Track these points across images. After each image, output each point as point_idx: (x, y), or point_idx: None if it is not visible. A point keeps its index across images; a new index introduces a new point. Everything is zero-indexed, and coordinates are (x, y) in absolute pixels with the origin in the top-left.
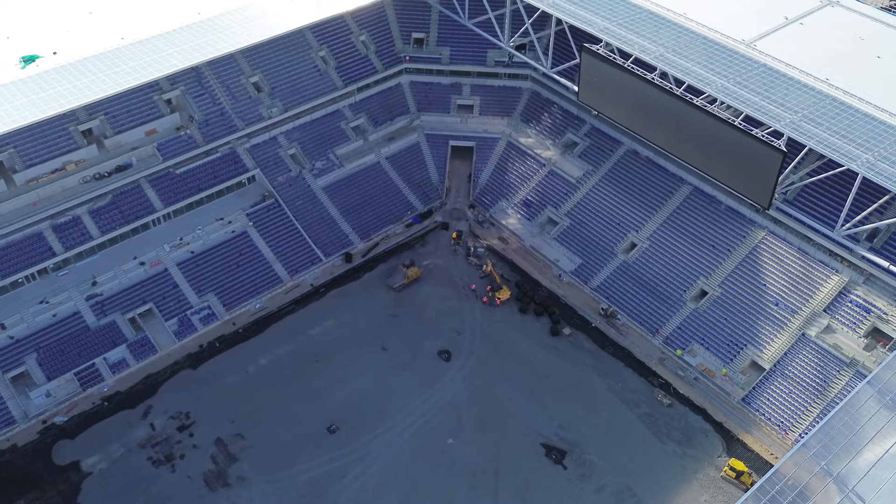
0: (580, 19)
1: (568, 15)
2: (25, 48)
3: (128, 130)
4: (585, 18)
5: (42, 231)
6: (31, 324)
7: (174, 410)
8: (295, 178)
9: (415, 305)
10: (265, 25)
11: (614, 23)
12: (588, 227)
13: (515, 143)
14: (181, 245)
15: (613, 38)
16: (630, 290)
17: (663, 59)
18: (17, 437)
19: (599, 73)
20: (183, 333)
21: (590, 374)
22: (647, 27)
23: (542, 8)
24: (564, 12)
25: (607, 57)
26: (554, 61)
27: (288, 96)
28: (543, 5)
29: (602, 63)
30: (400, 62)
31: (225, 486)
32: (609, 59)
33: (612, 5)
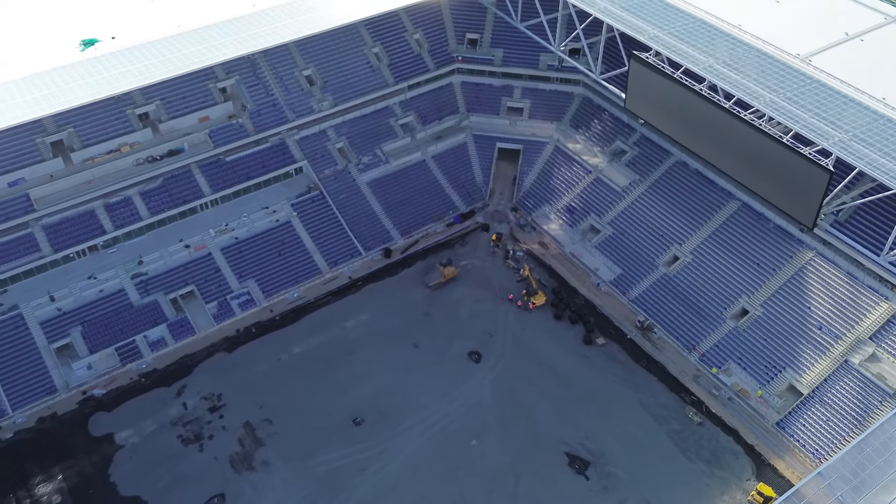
0: (631, 26)
1: (619, 21)
2: (86, 32)
3: (182, 116)
4: (636, 26)
5: (95, 209)
6: (78, 298)
7: (207, 391)
8: (341, 172)
9: (449, 305)
10: (320, 18)
11: (665, 31)
12: (630, 237)
13: (563, 148)
14: (226, 231)
15: (663, 46)
16: (669, 303)
17: (713, 71)
18: (58, 406)
19: (647, 82)
20: (221, 317)
21: (620, 386)
22: (699, 37)
23: (594, 14)
24: (615, 19)
25: (656, 66)
26: (604, 67)
27: (339, 91)
28: (595, 11)
29: (650, 71)
30: (452, 62)
31: (249, 469)
32: (657, 68)
33: (666, 14)
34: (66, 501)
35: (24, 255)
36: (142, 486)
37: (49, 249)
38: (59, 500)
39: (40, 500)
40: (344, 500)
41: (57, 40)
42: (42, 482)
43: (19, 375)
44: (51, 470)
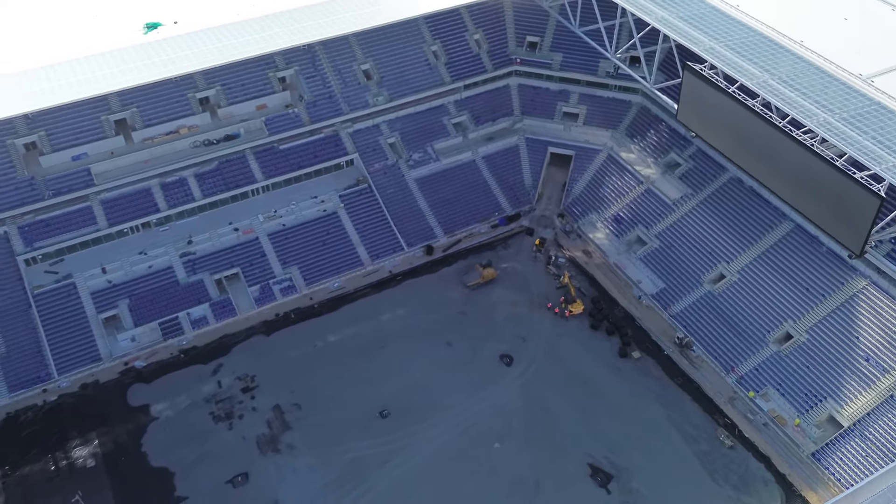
0: (687, 37)
1: (675, 32)
2: (150, 16)
3: (240, 103)
4: (692, 37)
5: (151, 188)
6: (128, 272)
7: (241, 372)
8: (390, 167)
9: (485, 306)
10: (383, 12)
11: (722, 44)
12: (677, 252)
13: (616, 156)
14: (274, 217)
15: (718, 59)
16: (711, 322)
17: (766, 87)
18: (100, 374)
19: (700, 94)
20: (263, 300)
21: (652, 402)
22: (757, 52)
23: (652, 23)
24: (672, 29)
25: (710, 78)
26: (663, 77)
27: (395, 86)
28: (652, 20)
29: (704, 84)
30: (510, 63)
31: (274, 451)
32: (711, 80)
33: (727, 27)
34: (99, 466)
35: (81, 227)
36: (171, 459)
37: (105, 223)
38: (92, 464)
39: (75, 462)
40: (364, 491)
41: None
42: (79, 445)
43: (67, 342)
44: (88, 434)
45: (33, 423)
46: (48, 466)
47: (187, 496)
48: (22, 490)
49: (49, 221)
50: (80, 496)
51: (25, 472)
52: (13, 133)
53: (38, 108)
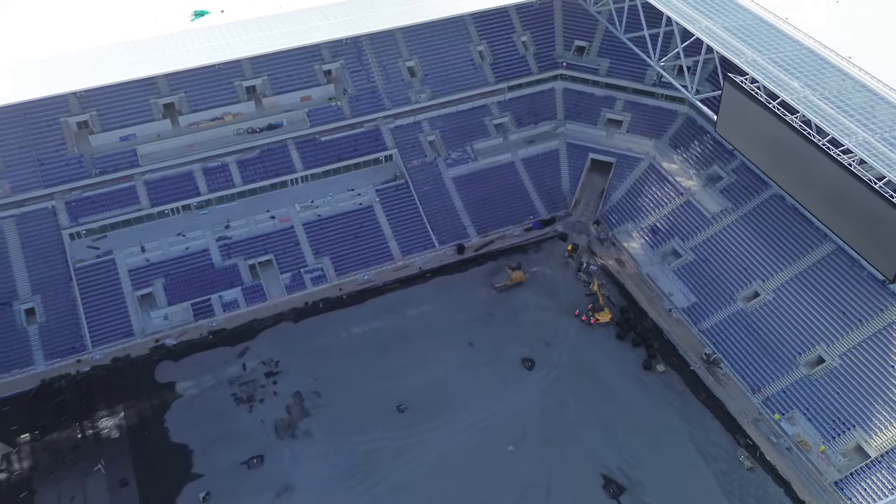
0: (729, 48)
1: (717, 42)
2: (197, 3)
3: (285, 93)
4: (735, 48)
5: (193, 171)
6: (166, 252)
7: (266, 357)
8: (428, 164)
9: (511, 308)
10: (428, 8)
11: (766, 57)
12: (712, 267)
13: (658, 166)
14: (311, 207)
15: (759, 72)
16: (741, 340)
17: (806, 103)
18: (132, 348)
19: (740, 106)
20: (293, 288)
21: (673, 417)
22: (801, 66)
23: (695, 33)
24: (715, 39)
25: (749, 91)
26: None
27: (438, 84)
28: (696, 29)
29: (744, 96)
30: (556, 67)
31: (291, 436)
32: (750, 93)
33: (772, 39)
34: (122, 437)
35: (124, 206)
36: (191, 436)
37: (147, 203)
38: (116, 436)
39: (101, 432)
40: (375, 482)
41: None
42: (106, 416)
43: (103, 316)
44: (115, 406)
45: (65, 391)
46: (75, 434)
47: (203, 474)
48: (49, 455)
49: (94, 198)
50: (103, 465)
51: (54, 438)
52: (67, 112)
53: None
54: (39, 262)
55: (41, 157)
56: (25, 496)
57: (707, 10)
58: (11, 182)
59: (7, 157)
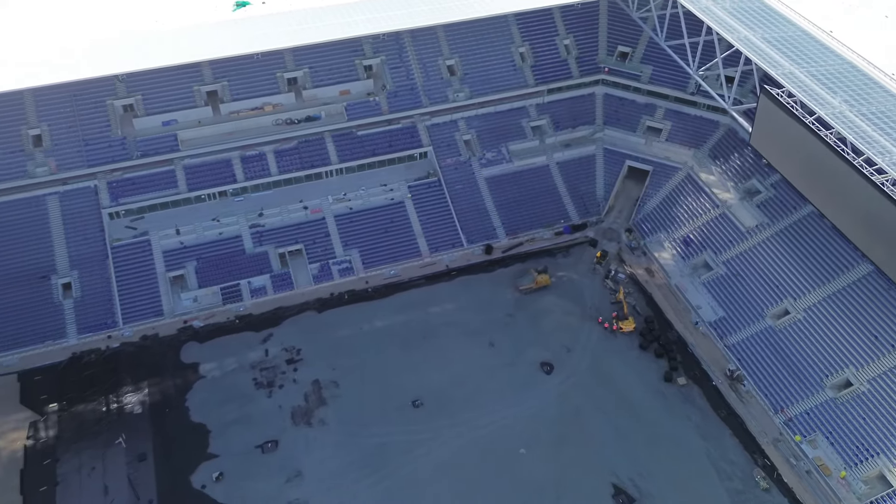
0: (767, 60)
1: (755, 53)
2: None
3: (325, 86)
4: (773, 60)
5: (231, 159)
6: (200, 236)
7: (289, 344)
8: (462, 163)
9: (534, 312)
10: (474, 6)
11: (804, 70)
12: (743, 281)
13: (695, 176)
14: (343, 200)
15: (795, 85)
16: (767, 358)
17: (842, 119)
18: (161, 328)
19: (775, 119)
20: (320, 279)
21: (690, 432)
22: (842, 82)
23: (733, 42)
24: (753, 50)
25: (785, 104)
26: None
27: (477, 84)
28: (734, 39)
29: (779, 109)
30: (598, 72)
31: (306, 424)
32: (786, 107)
33: (814, 53)
34: (144, 413)
35: (163, 189)
36: (209, 417)
37: (185, 187)
38: (139, 411)
39: (125, 407)
40: (384, 475)
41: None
42: (130, 392)
43: (136, 294)
44: (140, 383)
45: (94, 365)
46: (100, 407)
47: (219, 454)
48: (74, 425)
49: (135, 180)
50: (124, 438)
51: (79, 409)
52: (113, 95)
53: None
54: (79, 239)
55: (87, 137)
56: (49, 463)
57: (749, 21)
58: (58, 160)
59: (55, 137)
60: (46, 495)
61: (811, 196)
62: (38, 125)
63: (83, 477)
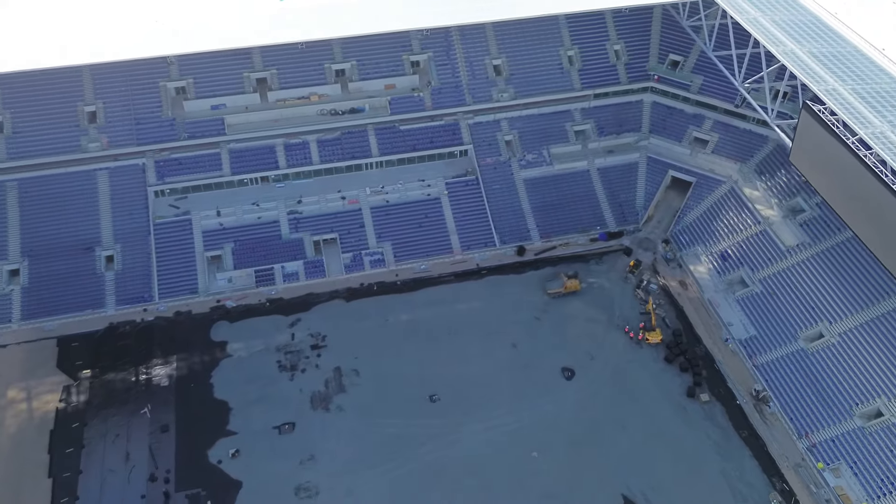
0: (810, 75)
1: (799, 68)
2: None
3: (371, 80)
4: (816, 76)
5: (275, 146)
6: (239, 218)
7: (315, 330)
8: (502, 163)
9: (561, 316)
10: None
11: (850, 88)
12: (778, 301)
13: (738, 191)
14: (380, 192)
15: (837, 102)
16: (796, 380)
17: (882, 141)
18: (194, 305)
19: (815, 137)
20: (352, 268)
21: (709, 450)
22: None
23: (779, 57)
24: (797, 64)
25: (826, 122)
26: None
27: (522, 85)
28: (778, 52)
29: (820, 126)
30: (647, 79)
31: (324, 409)
32: (826, 124)
33: (863, 70)
34: (171, 386)
35: (207, 171)
36: (232, 395)
37: (229, 171)
38: (166, 384)
39: (153, 379)
40: (396, 465)
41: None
42: (159, 364)
43: (173, 271)
44: (170, 356)
45: (128, 336)
46: (130, 377)
47: (237, 432)
48: (104, 392)
49: (181, 160)
50: (149, 409)
51: (110, 377)
52: (167, 77)
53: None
54: (124, 214)
55: (138, 116)
56: (77, 427)
57: (798, 35)
58: (110, 137)
59: (109, 114)
60: (72, 457)
61: (848, 218)
62: (94, 102)
63: (108, 442)
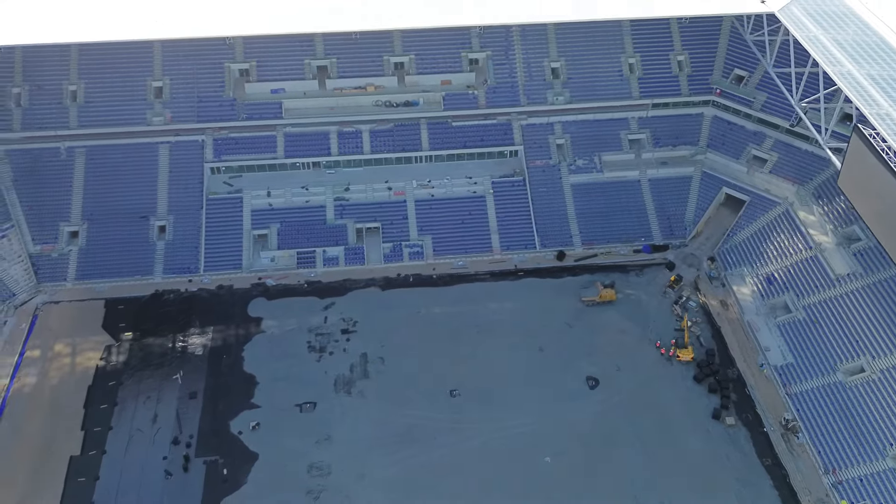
0: (864, 97)
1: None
2: None
3: (428, 74)
4: (870, 98)
5: (329, 133)
6: (288, 200)
7: (347, 315)
8: (551, 167)
9: (593, 325)
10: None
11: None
12: (821, 330)
13: (793, 214)
14: (427, 187)
15: (889, 128)
16: (829, 413)
17: None
18: (236, 280)
19: (864, 162)
20: (391, 258)
21: (728, 474)
22: None
23: (833, 77)
24: (850, 85)
25: (876, 147)
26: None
27: (579, 90)
28: (832, 71)
29: (869, 152)
30: (708, 92)
31: (346, 393)
32: (877, 150)
33: None
34: (204, 356)
35: (262, 152)
36: (260, 370)
37: (282, 153)
38: (199, 353)
39: (188, 347)
40: (407, 455)
41: None
42: (196, 334)
43: (220, 246)
44: (207, 327)
45: (171, 304)
46: (167, 343)
47: (260, 406)
48: (141, 354)
49: (238, 140)
50: (181, 376)
51: (150, 342)
52: (232, 59)
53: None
54: (180, 188)
55: (201, 94)
56: (113, 385)
57: (859, 56)
58: (173, 112)
59: (175, 91)
60: (105, 413)
61: (890, 247)
62: (162, 78)
63: (139, 403)
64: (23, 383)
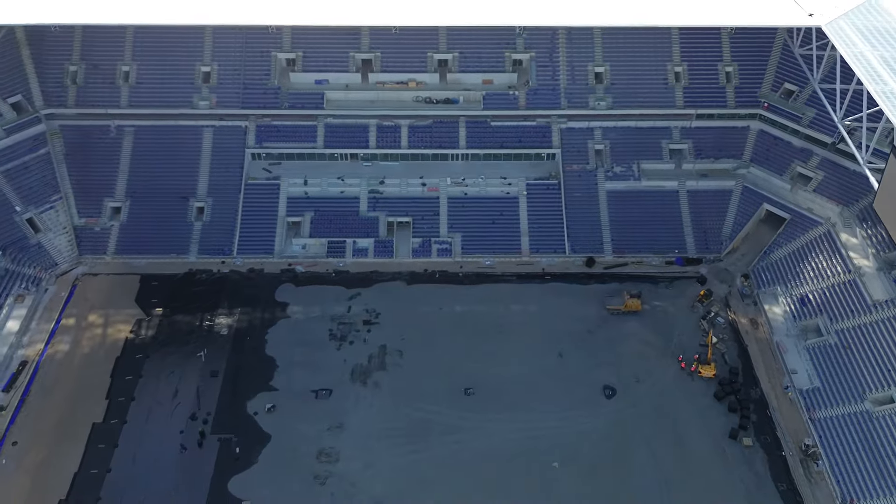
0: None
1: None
2: None
3: (470, 73)
4: None
5: (368, 126)
6: (323, 190)
7: (371, 307)
8: (587, 173)
9: (615, 334)
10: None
11: None
12: (852, 356)
13: (834, 235)
14: (461, 185)
15: None
16: (853, 442)
17: None
18: (267, 265)
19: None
20: (419, 253)
21: (739, 496)
22: None
23: (874, 95)
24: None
25: None
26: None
27: (622, 96)
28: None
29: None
30: (755, 105)
31: (362, 383)
32: None
33: None
34: (228, 336)
35: (302, 141)
36: (280, 353)
37: (321, 144)
38: (224, 333)
39: (214, 326)
40: (418, 449)
41: None
42: (223, 314)
43: (255, 230)
44: (234, 308)
45: (203, 283)
46: (195, 321)
47: (277, 389)
48: (169, 330)
49: (280, 128)
50: (204, 353)
51: (178, 318)
52: (279, 48)
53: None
54: (220, 171)
55: (247, 81)
56: (140, 358)
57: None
58: (219, 97)
59: (222, 76)
60: (129, 384)
61: None
62: (211, 64)
63: (162, 377)
64: (56, 349)
